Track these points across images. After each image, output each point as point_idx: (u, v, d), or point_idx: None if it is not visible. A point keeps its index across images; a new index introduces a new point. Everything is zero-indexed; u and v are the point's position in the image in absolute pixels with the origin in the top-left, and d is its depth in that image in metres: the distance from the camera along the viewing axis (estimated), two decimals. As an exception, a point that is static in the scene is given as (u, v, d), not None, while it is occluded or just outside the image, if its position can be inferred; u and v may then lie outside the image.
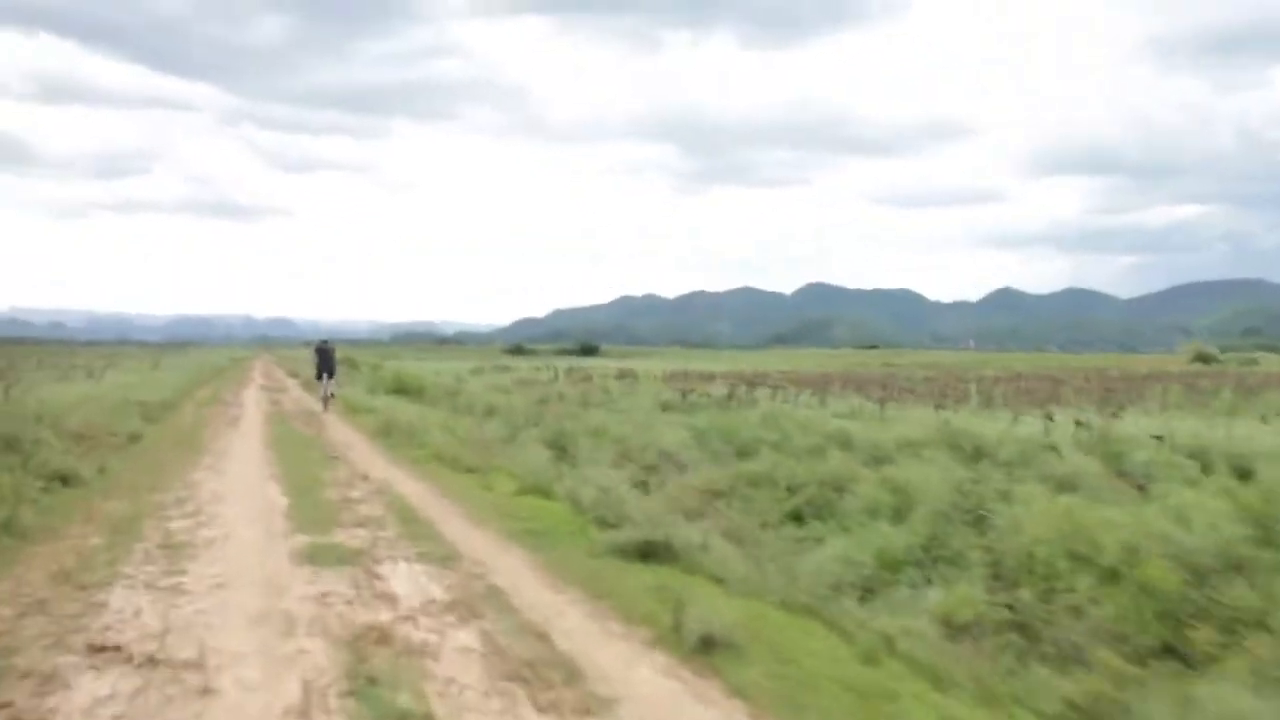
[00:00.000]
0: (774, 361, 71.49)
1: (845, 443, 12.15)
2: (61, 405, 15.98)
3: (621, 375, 34.16)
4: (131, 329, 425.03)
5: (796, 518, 8.80)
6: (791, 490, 9.40)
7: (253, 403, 24.40)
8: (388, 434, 16.36)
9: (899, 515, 7.75)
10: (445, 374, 35.62)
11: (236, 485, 10.59)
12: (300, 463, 12.57)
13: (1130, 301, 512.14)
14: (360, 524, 8.40)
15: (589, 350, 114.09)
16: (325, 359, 22.34)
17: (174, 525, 8.16)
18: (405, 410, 19.55)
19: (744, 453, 12.00)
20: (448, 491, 10.38)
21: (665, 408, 19.13)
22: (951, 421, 14.09)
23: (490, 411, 20.39)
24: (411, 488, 10.65)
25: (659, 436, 12.80)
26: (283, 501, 9.57)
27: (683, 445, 12.50)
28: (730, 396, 21.65)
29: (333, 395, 22.21)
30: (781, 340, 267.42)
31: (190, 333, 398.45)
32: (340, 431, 17.52)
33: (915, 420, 15.65)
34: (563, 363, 57.70)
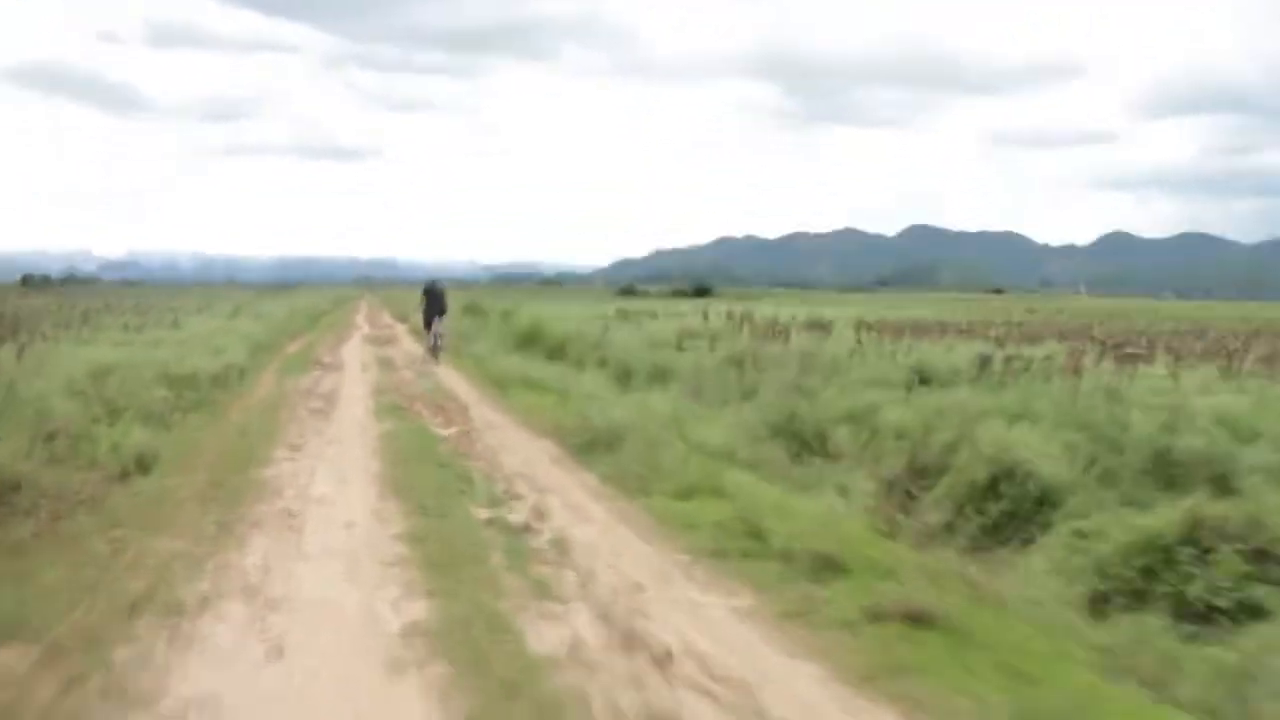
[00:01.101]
0: (907, 307, 64.41)
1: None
2: (57, 386, 9.60)
3: (811, 325, 28.49)
4: (240, 270, 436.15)
5: None
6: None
7: (355, 364, 18.70)
8: (589, 448, 9.64)
9: None
10: (569, 318, 31.10)
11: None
12: (463, 553, 5.96)
13: (1254, 247, 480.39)
14: None
15: (702, 291, 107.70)
16: (435, 301, 19.50)
17: None
18: (579, 382, 14.36)
19: (1172, 475, 6.96)
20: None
21: (924, 378, 12.93)
22: None
23: (660, 376, 15.36)
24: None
25: (996, 437, 7.71)
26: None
27: (1042, 454, 7.46)
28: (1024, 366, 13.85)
29: (441, 344, 19.28)
30: (885, 283, 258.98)
31: (295, 273, 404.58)
32: (504, 435, 10.81)
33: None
34: (681, 305, 52.92)
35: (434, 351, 19.01)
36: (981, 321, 36.70)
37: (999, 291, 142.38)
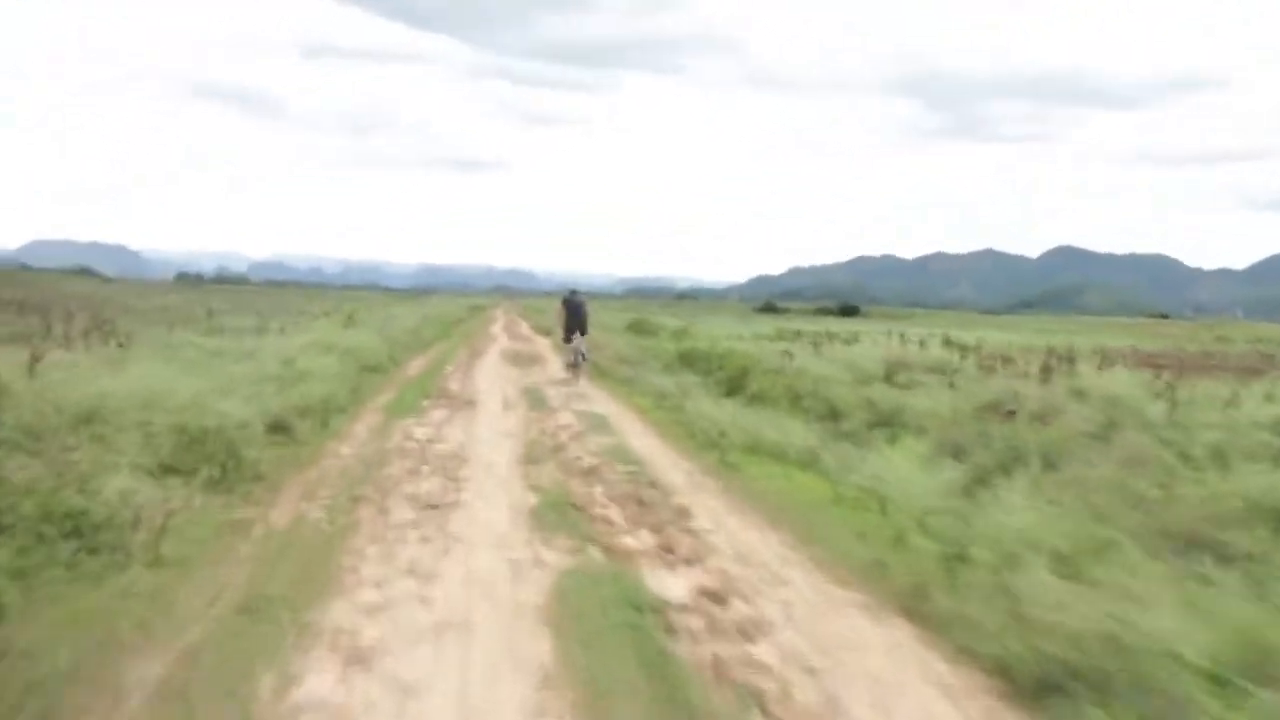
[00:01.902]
0: (1080, 333, 54.79)
1: None
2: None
3: (1024, 354, 22.26)
4: (382, 276, 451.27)
5: None
6: None
7: (493, 398, 13.52)
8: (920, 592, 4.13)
9: None
10: (731, 338, 25.70)
11: None
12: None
13: None
14: None
15: (849, 311, 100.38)
16: (575, 314, 17.41)
17: None
18: (810, 440, 9.20)
19: None
20: None
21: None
22: None
23: (883, 422, 11.64)
24: None
25: None
26: None
27: None
28: None
29: (584, 359, 16.98)
30: (1027, 306, 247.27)
31: (434, 280, 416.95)
32: (792, 594, 5.14)
33: None
34: (829, 325, 46.79)
35: (574, 369, 16.70)
36: (1186, 351, 28.38)
37: (1164, 316, 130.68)
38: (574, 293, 18.02)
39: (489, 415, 11.77)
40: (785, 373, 16.16)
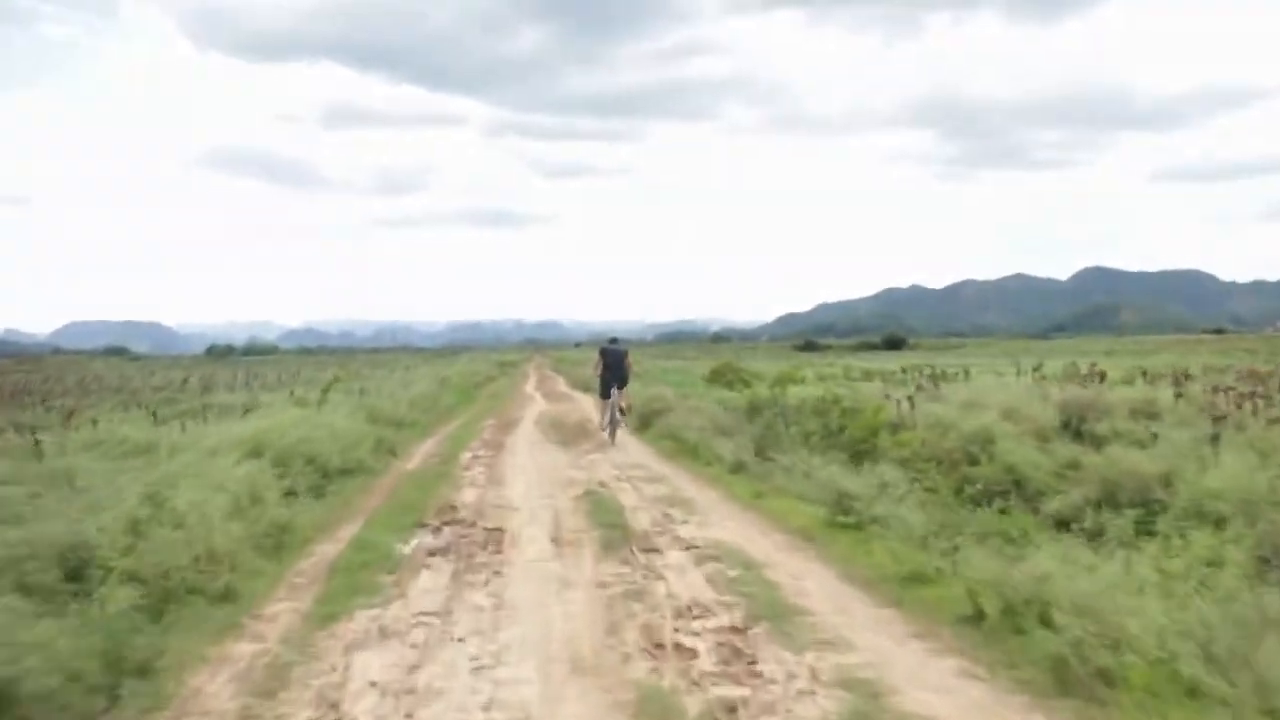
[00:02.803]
0: (1134, 354, 47.21)
1: None
2: None
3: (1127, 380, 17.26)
4: (413, 336, 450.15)
5: None
6: None
7: (538, 531, 7.63)
8: None
9: None
10: (803, 381, 21.02)
11: None
12: None
13: None
14: None
15: (895, 343, 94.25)
16: (614, 365, 15.25)
17: None
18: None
19: None
20: None
21: None
22: None
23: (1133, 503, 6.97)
24: None
25: None
26: None
27: None
28: None
29: (624, 414, 15.05)
30: (1061, 329, 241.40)
31: (465, 337, 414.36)
32: None
33: None
34: (883, 361, 41.64)
35: (611, 428, 14.71)
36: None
37: (1219, 331, 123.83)
38: (614, 341, 16.25)
39: (530, 580, 5.93)
40: (919, 425, 11.53)
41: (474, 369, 42.42)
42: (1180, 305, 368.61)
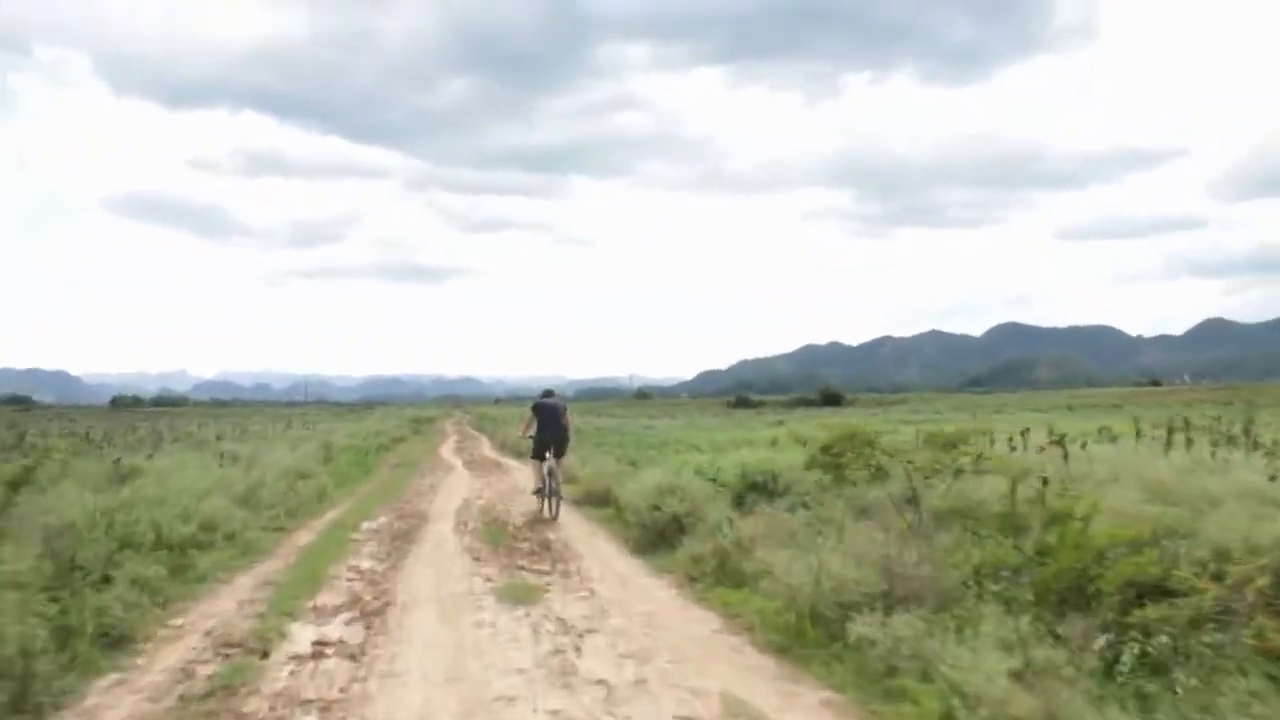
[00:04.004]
0: (1078, 412, 43.43)
1: None
2: None
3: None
4: (330, 390, 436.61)
5: None
6: None
7: None
8: None
9: None
10: (772, 448, 17.10)
11: None
12: None
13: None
14: None
15: (832, 399, 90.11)
16: (550, 423, 12.80)
17: None
18: None
19: None
20: None
21: None
22: None
23: None
24: None
25: None
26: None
27: None
28: None
29: (556, 488, 12.32)
30: (977, 383, 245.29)
31: (382, 392, 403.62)
32: None
33: None
34: (824, 416, 37.92)
35: (548, 499, 12.30)
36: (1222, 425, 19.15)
37: (1156, 384, 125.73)
38: (549, 394, 13.90)
39: None
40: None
41: (382, 427, 37.44)
42: (1091, 359, 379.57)
